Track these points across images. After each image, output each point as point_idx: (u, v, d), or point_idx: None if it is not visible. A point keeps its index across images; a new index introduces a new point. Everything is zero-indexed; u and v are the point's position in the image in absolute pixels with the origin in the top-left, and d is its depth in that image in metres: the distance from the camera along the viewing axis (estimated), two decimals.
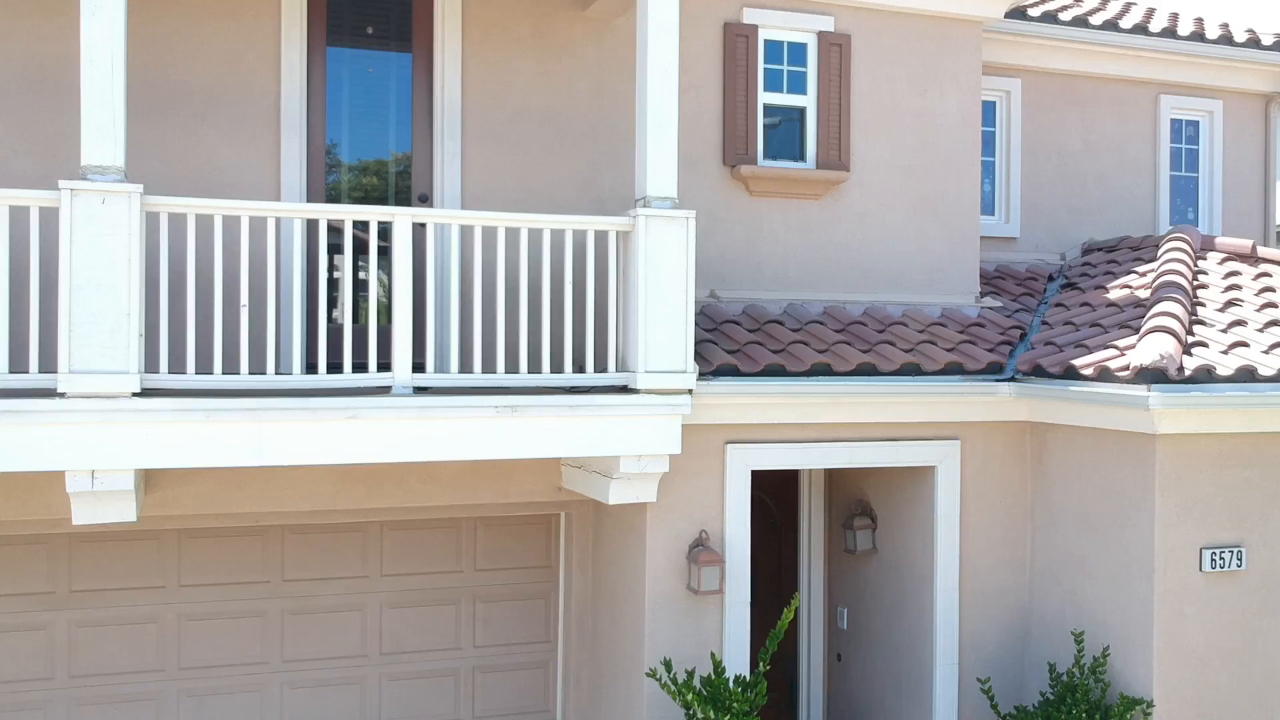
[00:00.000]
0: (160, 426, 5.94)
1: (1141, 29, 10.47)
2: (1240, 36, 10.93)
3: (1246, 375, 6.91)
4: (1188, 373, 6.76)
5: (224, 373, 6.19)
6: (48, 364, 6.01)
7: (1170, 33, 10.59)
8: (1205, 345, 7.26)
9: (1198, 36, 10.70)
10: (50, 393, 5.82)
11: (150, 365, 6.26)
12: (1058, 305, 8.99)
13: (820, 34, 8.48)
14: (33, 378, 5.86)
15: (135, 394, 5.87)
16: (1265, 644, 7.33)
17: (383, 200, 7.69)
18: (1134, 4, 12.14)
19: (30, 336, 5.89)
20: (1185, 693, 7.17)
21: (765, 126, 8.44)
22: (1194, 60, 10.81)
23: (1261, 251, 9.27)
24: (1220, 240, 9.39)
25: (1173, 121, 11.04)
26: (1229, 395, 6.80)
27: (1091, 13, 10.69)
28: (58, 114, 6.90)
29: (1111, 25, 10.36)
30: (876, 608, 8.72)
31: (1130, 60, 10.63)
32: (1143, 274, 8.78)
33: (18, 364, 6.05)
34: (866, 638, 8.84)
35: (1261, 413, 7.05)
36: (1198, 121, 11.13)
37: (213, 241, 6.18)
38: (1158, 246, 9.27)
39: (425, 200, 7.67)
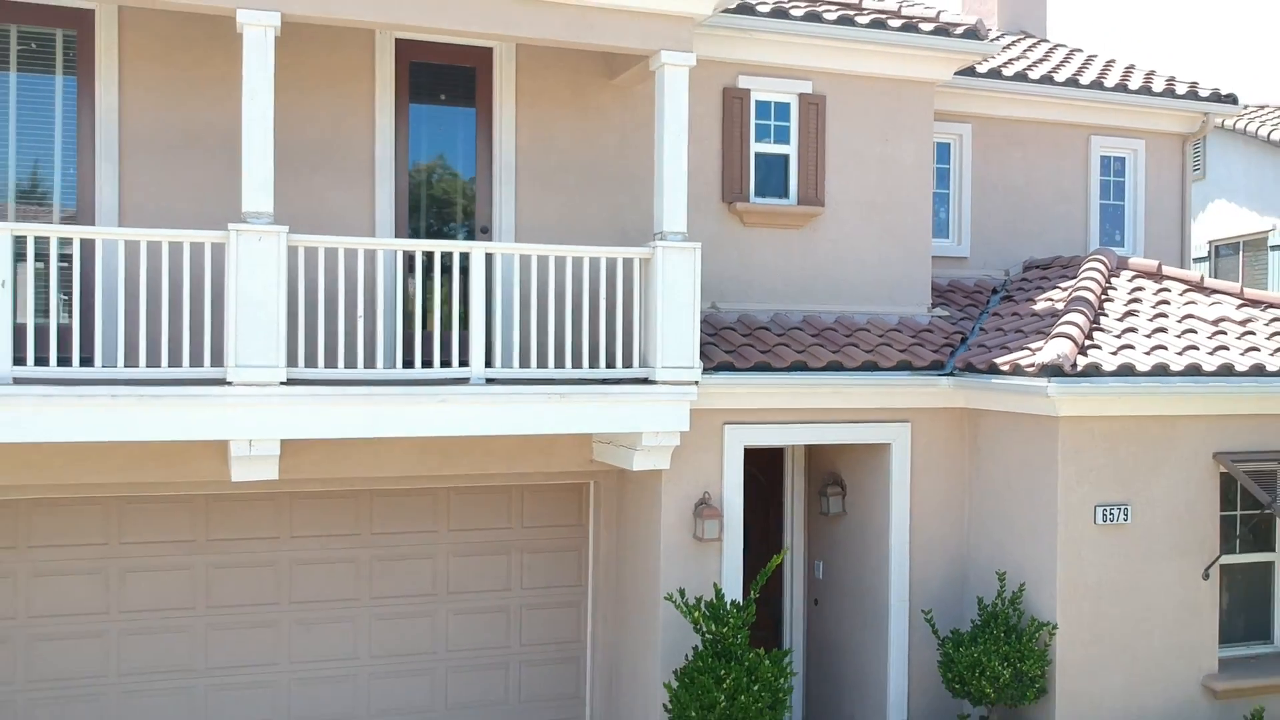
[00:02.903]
0: (300, 407, 7.94)
1: (1073, 82, 12.47)
2: (1159, 87, 12.94)
3: (1127, 370, 8.92)
4: (1079, 368, 8.78)
5: (345, 366, 8.21)
6: (217, 360, 8.01)
7: (1098, 84, 12.59)
8: (1099, 347, 9.27)
9: (1122, 88, 12.69)
10: (220, 381, 7.82)
11: (292, 361, 8.23)
12: (995, 314, 11.00)
13: (801, 95, 10.49)
14: (206, 370, 7.87)
15: (282, 383, 7.87)
16: (1144, 581, 9.34)
17: (453, 227, 9.70)
18: (1076, 53, 14.17)
19: (205, 339, 7.90)
20: (1082, 619, 9.18)
21: (756, 170, 10.44)
22: (1119, 107, 12.80)
23: (1166, 270, 11.28)
24: (1133, 260, 11.41)
25: (1102, 158, 13.04)
26: (1111, 386, 8.82)
27: (1031, 67, 12.69)
28: (207, 169, 8.89)
29: (1048, 79, 12.36)
30: (845, 560, 10.73)
31: (1064, 108, 12.64)
32: (1064, 289, 10.79)
33: (196, 360, 8.04)
34: (837, 585, 10.86)
35: (1139, 400, 9.06)
36: (1124, 158, 13.13)
37: (337, 267, 8.20)
38: (1080, 266, 11.28)
39: (486, 231, 9.68)
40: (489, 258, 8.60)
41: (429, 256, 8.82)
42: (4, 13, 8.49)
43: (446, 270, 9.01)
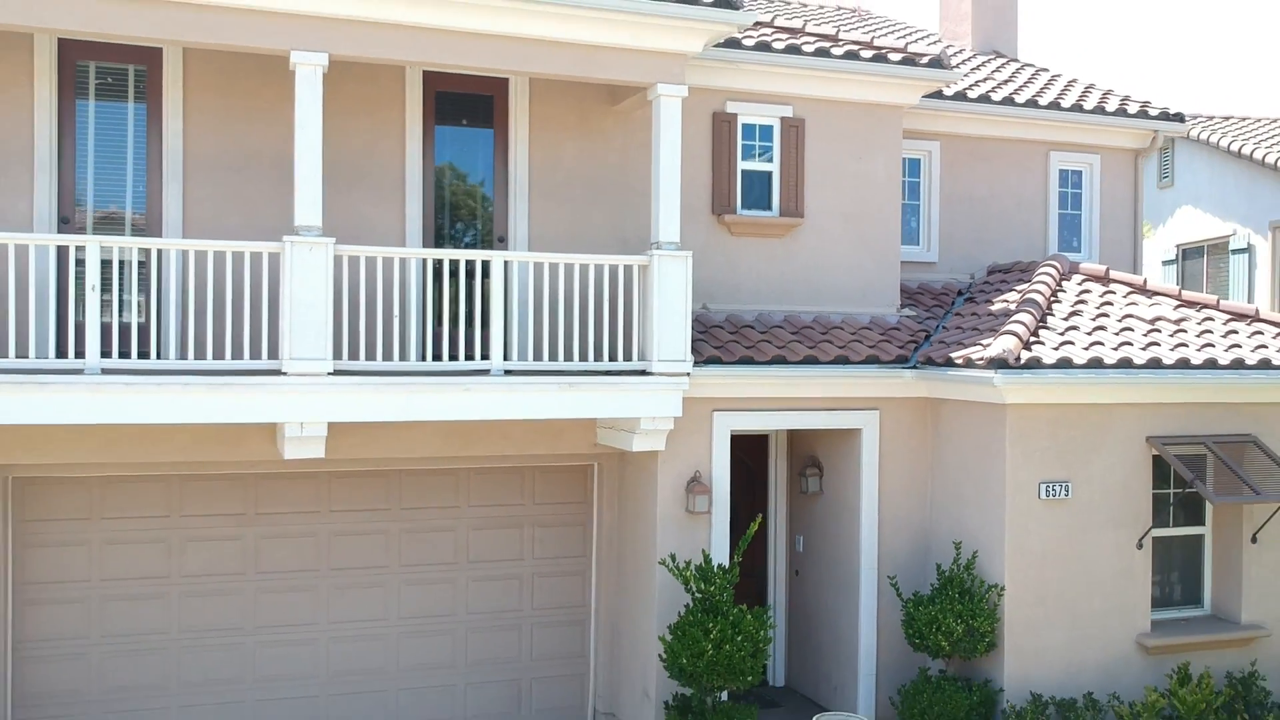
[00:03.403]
0: (345, 394, 9.19)
1: (1033, 103, 13.71)
2: (1112, 106, 14.19)
3: (1065, 363, 10.17)
4: (1022, 361, 10.03)
5: (383, 359, 9.46)
6: (272, 354, 9.25)
7: (1056, 105, 13.83)
8: (1042, 343, 10.52)
9: (1078, 107, 13.94)
10: (276, 372, 9.06)
11: (337, 355, 9.46)
12: (958, 314, 12.24)
13: (782, 118, 11.74)
14: (263, 363, 9.12)
15: (330, 373, 9.11)
16: (1084, 550, 10.58)
17: (473, 236, 10.94)
18: (1041, 73, 15.43)
19: (262, 335, 9.15)
20: (1027, 582, 10.42)
21: (742, 185, 11.68)
22: (1076, 125, 14.04)
23: (1113, 275, 12.53)
24: (1084, 265, 12.67)
25: (1060, 171, 14.30)
26: (1050, 377, 10.07)
27: (995, 89, 13.94)
28: (258, 186, 10.14)
29: (1009, 100, 13.61)
30: (822, 534, 11.98)
31: (1025, 126, 13.88)
32: (1019, 291, 12.03)
33: (254, 353, 9.29)
34: (815, 557, 12.10)
35: (1077, 389, 10.31)
36: (1081, 171, 14.39)
37: (375, 273, 9.45)
38: (1035, 270, 12.53)
39: (503, 240, 10.93)
40: (507, 265, 9.86)
41: (455, 264, 10.07)
42: (85, 51, 9.74)
43: (469, 275, 10.24)
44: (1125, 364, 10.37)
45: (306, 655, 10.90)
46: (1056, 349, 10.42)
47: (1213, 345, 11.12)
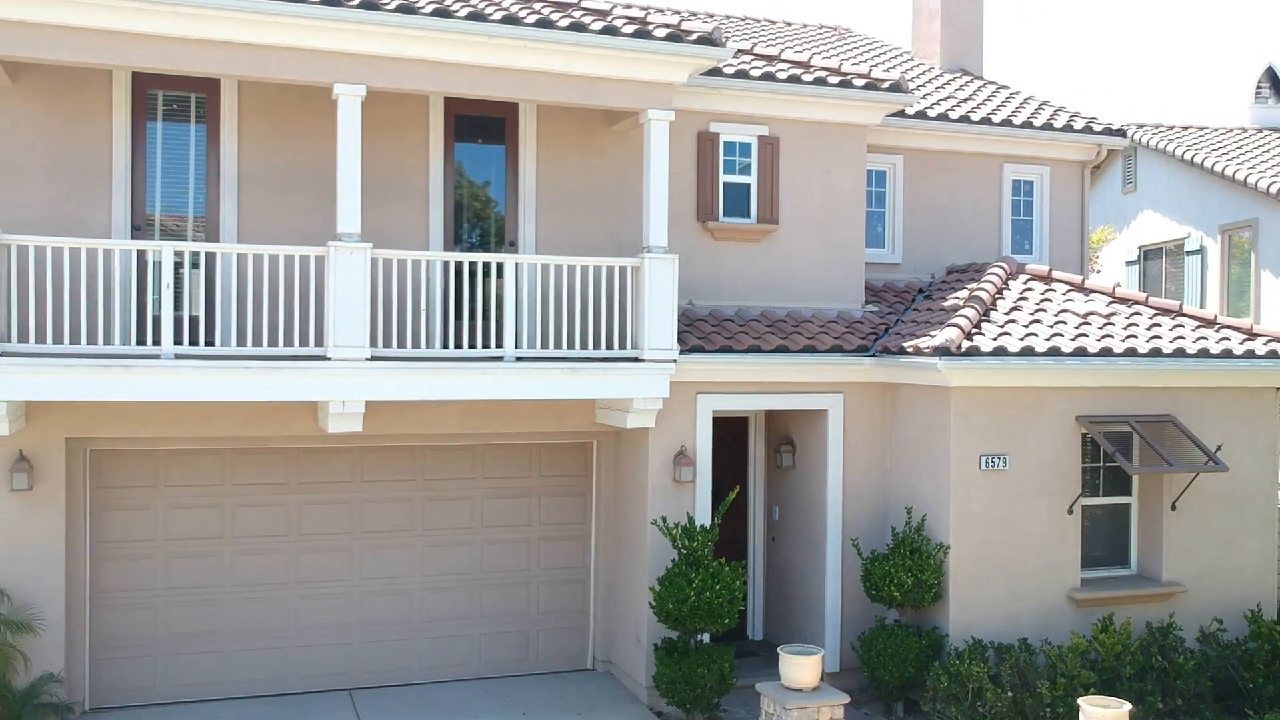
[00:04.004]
0: (380, 377, 10.75)
1: (987, 120, 15.27)
2: (1060, 122, 15.75)
3: (1000, 351, 11.73)
4: (963, 350, 11.59)
5: (412, 347, 11.04)
6: (318, 342, 10.82)
7: (1008, 122, 15.39)
8: (983, 334, 12.08)
9: (1028, 124, 15.50)
10: (321, 358, 10.63)
11: (374, 343, 11.02)
12: (916, 309, 13.80)
13: (759, 137, 13.30)
14: (310, 349, 10.69)
15: (367, 359, 10.68)
16: (1019, 515, 12.14)
17: (488, 240, 12.51)
18: (1001, 90, 16.99)
19: (310, 326, 10.72)
20: (969, 541, 11.98)
21: (724, 196, 13.24)
22: (1027, 140, 15.60)
23: (1055, 274, 14.09)
24: (1030, 266, 14.24)
25: (1014, 181, 15.86)
26: (987, 363, 11.64)
27: (955, 106, 15.51)
28: (301, 197, 11.69)
29: (965, 119, 15.16)
30: (795, 504, 13.54)
31: (981, 141, 15.44)
32: (970, 289, 13.59)
33: (304, 341, 10.86)
34: (789, 524, 13.67)
35: (1011, 373, 11.87)
36: (1032, 181, 15.95)
37: (411, 273, 11.03)
38: (985, 271, 14.09)
39: (513, 244, 12.50)
40: (517, 266, 11.43)
41: (472, 265, 11.63)
42: (154, 82, 11.30)
43: (485, 274, 11.79)
44: (1054, 352, 11.94)
45: (341, 607, 12.46)
46: (994, 339, 11.99)
47: (1136, 336, 12.69)
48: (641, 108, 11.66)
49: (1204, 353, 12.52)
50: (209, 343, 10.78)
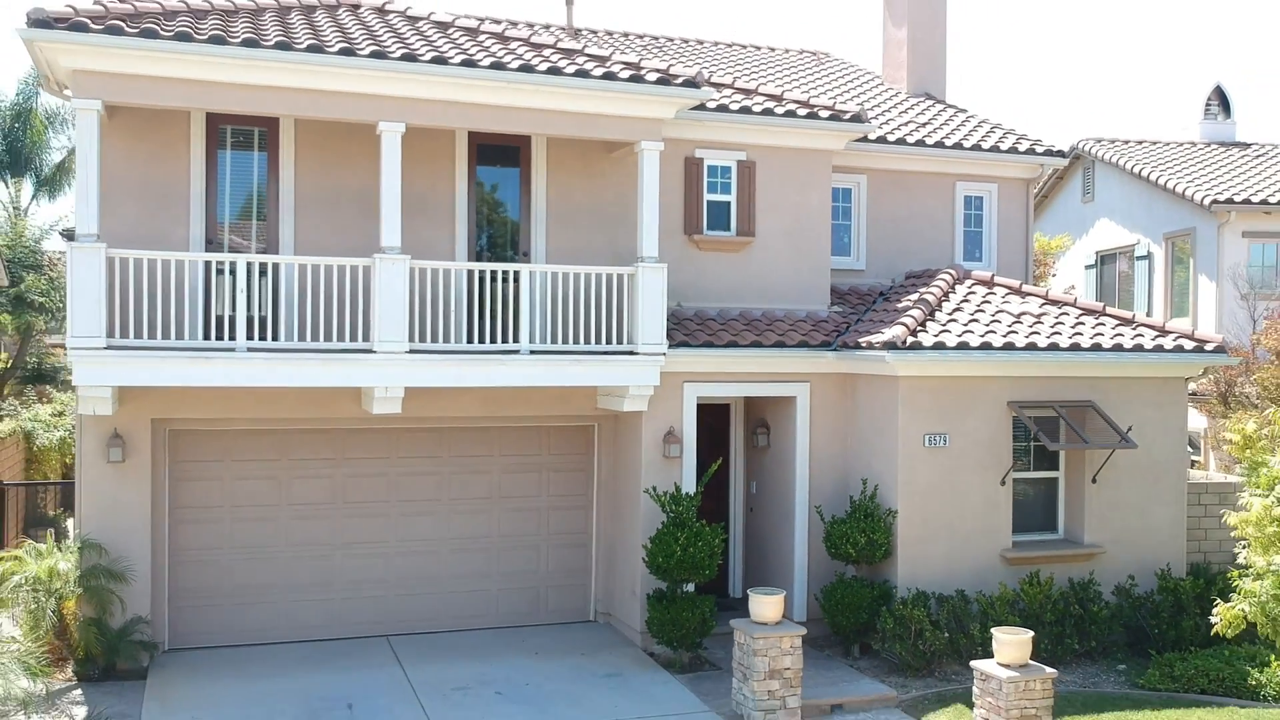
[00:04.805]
0: (417, 367, 12.84)
1: (940, 144, 17.36)
2: (1006, 145, 17.84)
3: (939, 346, 13.83)
4: (907, 344, 13.69)
5: (443, 342, 13.15)
6: (365, 337, 12.91)
7: (959, 145, 17.48)
8: (926, 331, 14.18)
9: (977, 147, 17.59)
10: (368, 351, 12.72)
11: (411, 338, 13.10)
12: (874, 310, 15.89)
13: (738, 161, 15.40)
14: (359, 344, 12.79)
15: (406, 352, 12.77)
16: (959, 485, 14.23)
17: (504, 251, 14.60)
18: (959, 114, 19.08)
19: (358, 324, 12.83)
20: (914, 508, 14.08)
21: (707, 212, 15.33)
22: (977, 161, 17.70)
23: (997, 280, 16.19)
24: (975, 272, 16.34)
25: (965, 197, 17.95)
26: (928, 355, 13.73)
27: (913, 131, 17.59)
28: (345, 215, 13.78)
29: (921, 142, 17.25)
30: (769, 479, 15.64)
31: (936, 161, 17.53)
32: (920, 293, 15.68)
33: (353, 337, 12.96)
34: (765, 496, 15.77)
35: (950, 365, 13.96)
36: (982, 197, 18.04)
37: (441, 280, 13.14)
38: (935, 276, 16.18)
39: (526, 255, 14.59)
40: (530, 274, 13.52)
41: (493, 273, 13.72)
42: (225, 117, 13.38)
43: (503, 280, 13.87)
44: (986, 346, 14.03)
45: (379, 565, 14.56)
46: (936, 335, 14.08)
47: (1060, 333, 14.78)
48: (636, 139, 13.75)
49: (1118, 347, 14.62)
50: (274, 338, 12.87)
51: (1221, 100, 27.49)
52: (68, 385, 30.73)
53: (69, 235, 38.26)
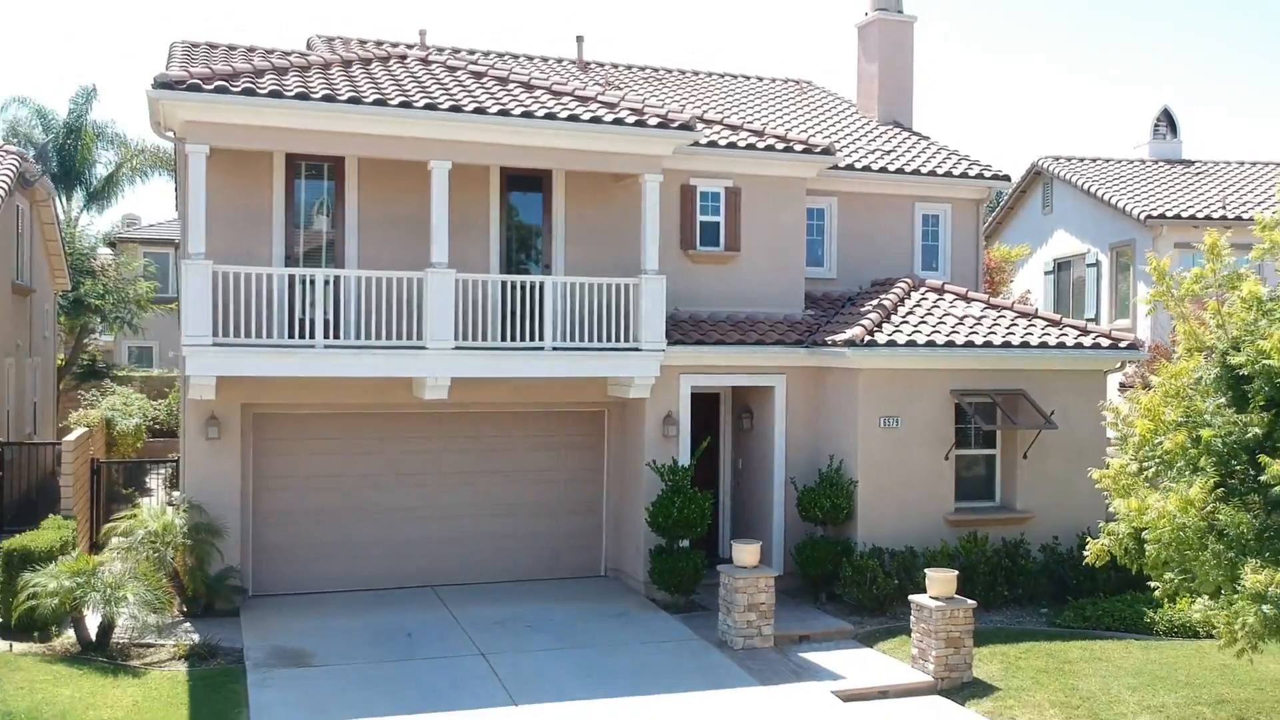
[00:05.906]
0: (461, 360, 15.69)
1: (900, 170, 20.16)
2: (959, 170, 20.65)
3: (891, 343, 16.66)
4: (864, 342, 16.53)
5: (482, 340, 16.00)
6: (418, 336, 15.73)
7: (917, 171, 20.29)
8: (882, 331, 17.01)
9: (933, 172, 20.39)
10: (421, 347, 15.56)
11: (457, 337, 15.90)
12: (842, 312, 18.71)
13: (726, 187, 18.24)
14: (413, 342, 15.63)
15: (453, 349, 15.61)
16: (909, 460, 17.06)
17: (530, 264, 17.44)
18: (920, 141, 21.92)
19: (413, 326, 15.67)
20: (871, 478, 16.91)
21: (700, 231, 18.17)
22: (933, 184, 20.51)
23: (947, 287, 19.04)
24: (930, 281, 19.20)
25: (923, 215, 20.76)
26: (882, 351, 16.58)
27: (876, 159, 20.42)
28: (399, 234, 16.61)
29: (884, 169, 20.05)
30: (753, 456, 18.48)
31: (897, 185, 20.35)
32: (880, 298, 18.50)
33: (408, 336, 15.79)
34: (749, 470, 18.61)
35: (901, 359, 16.80)
36: (938, 215, 20.86)
37: (479, 289, 16.01)
38: (893, 284, 19.02)
39: (549, 268, 17.43)
40: (553, 284, 16.36)
41: (522, 283, 16.57)
42: (299, 156, 16.23)
43: (530, 289, 16.68)
44: (931, 344, 16.87)
45: (425, 526, 17.38)
46: (889, 334, 16.92)
47: (996, 332, 17.62)
48: (640, 172, 16.60)
49: (1044, 344, 17.47)
50: (339, 337, 15.71)
51: (1169, 121, 30.31)
52: (121, 379, 33.66)
53: (111, 244, 42.52)
